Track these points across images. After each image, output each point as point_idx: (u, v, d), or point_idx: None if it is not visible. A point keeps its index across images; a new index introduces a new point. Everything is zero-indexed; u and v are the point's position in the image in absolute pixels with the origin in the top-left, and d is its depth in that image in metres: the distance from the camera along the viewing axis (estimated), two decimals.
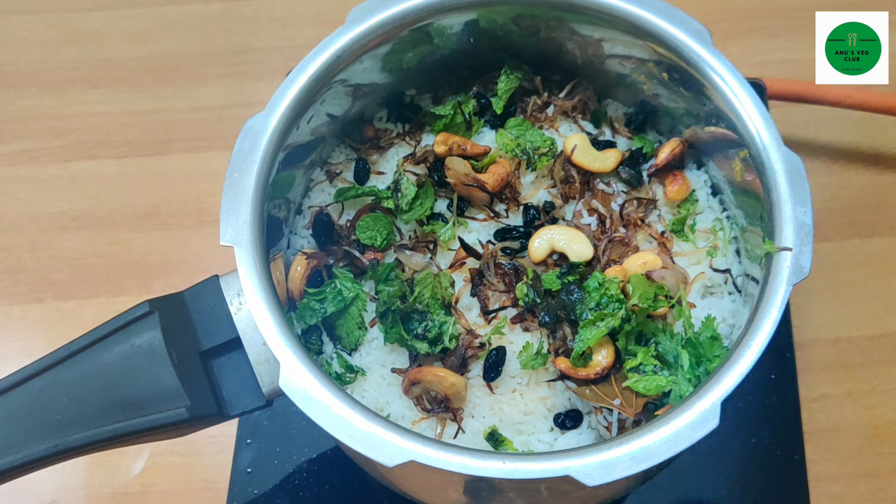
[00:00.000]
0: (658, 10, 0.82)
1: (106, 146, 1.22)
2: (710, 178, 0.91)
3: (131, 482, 1.00)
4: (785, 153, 0.76)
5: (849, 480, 0.98)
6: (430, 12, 0.84)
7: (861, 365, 1.03)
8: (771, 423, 0.97)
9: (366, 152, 0.94)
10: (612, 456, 0.65)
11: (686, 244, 0.87)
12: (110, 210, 1.18)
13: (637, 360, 0.78)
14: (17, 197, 1.19)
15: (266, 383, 0.76)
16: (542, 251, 0.83)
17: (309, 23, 1.32)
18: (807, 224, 0.74)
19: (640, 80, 0.90)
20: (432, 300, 0.81)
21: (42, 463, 0.72)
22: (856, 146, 1.18)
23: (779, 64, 1.24)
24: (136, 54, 1.30)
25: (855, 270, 1.09)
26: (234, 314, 0.75)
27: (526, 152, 0.88)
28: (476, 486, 0.71)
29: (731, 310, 0.84)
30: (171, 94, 1.26)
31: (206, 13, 1.33)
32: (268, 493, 0.96)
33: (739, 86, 0.79)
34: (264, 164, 0.77)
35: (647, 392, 0.76)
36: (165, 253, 1.14)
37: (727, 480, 0.95)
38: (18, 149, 1.23)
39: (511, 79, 0.92)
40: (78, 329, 0.75)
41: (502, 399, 0.80)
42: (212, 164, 1.20)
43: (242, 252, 0.73)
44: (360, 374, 0.82)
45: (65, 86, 1.28)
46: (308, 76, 0.81)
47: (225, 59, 1.29)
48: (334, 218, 0.90)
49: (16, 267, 1.14)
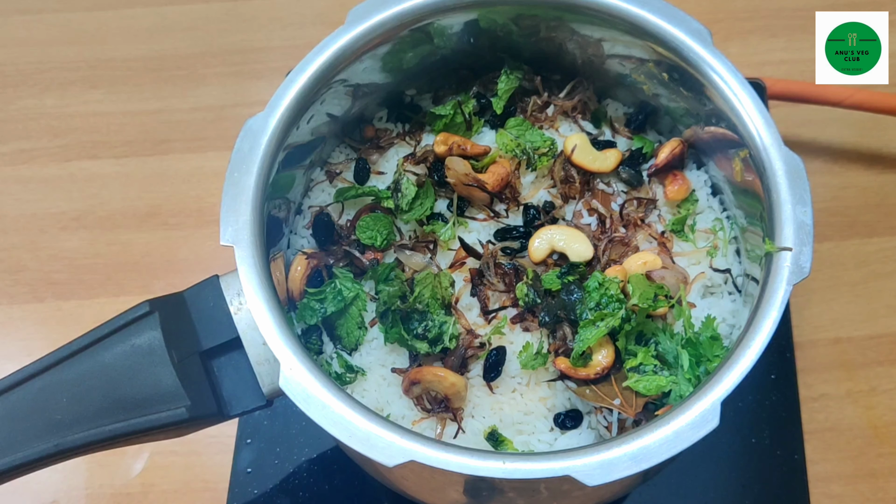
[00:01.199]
0: (658, 10, 0.82)
1: (106, 146, 1.23)
2: (710, 178, 0.91)
3: (131, 482, 1.00)
4: (785, 153, 0.76)
5: (849, 480, 0.98)
6: (430, 12, 0.84)
7: (861, 365, 1.03)
8: (771, 423, 0.97)
9: (366, 152, 0.94)
10: (612, 456, 0.65)
11: (686, 244, 0.87)
12: (110, 210, 1.18)
13: (637, 359, 0.78)
14: (17, 197, 1.19)
15: (266, 383, 0.76)
16: (542, 251, 0.83)
17: (309, 23, 1.32)
18: (807, 224, 0.73)
19: (640, 80, 0.90)
20: (432, 300, 0.81)
21: (42, 463, 0.72)
22: (856, 146, 1.18)
23: (779, 64, 1.24)
24: (136, 54, 1.30)
25: (855, 270, 1.09)
26: (234, 314, 0.75)
27: (526, 152, 0.88)
28: (476, 486, 0.71)
29: (731, 310, 0.84)
30: (171, 93, 1.26)
31: (206, 13, 1.33)
32: (268, 493, 0.96)
33: (739, 86, 0.79)
34: (264, 164, 0.77)
35: (647, 392, 0.76)
36: (166, 253, 1.14)
37: (727, 480, 0.95)
38: (18, 149, 1.23)
39: (511, 79, 0.92)
40: (78, 329, 0.75)
41: (502, 399, 0.80)
42: (212, 164, 1.20)
43: (242, 252, 0.73)
44: (360, 374, 0.82)
45: (65, 86, 1.28)
46: (308, 76, 0.81)
47: (225, 59, 1.29)
48: (334, 218, 0.90)
49: (16, 267, 1.14)
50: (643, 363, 0.78)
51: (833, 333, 1.05)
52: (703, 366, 0.78)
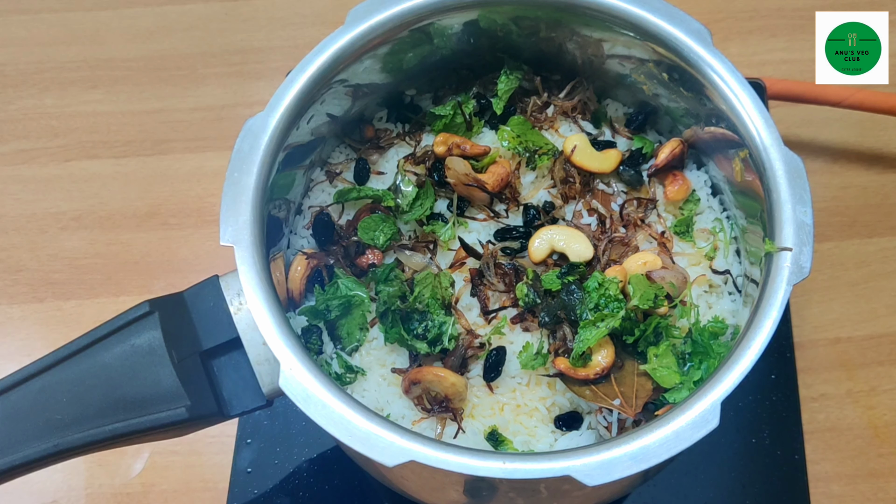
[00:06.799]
0: (658, 10, 0.82)
1: (106, 146, 1.23)
2: (710, 178, 0.91)
3: (131, 482, 1.00)
4: (785, 153, 0.76)
5: (849, 480, 0.98)
6: (430, 12, 0.84)
7: (861, 365, 1.04)
8: (771, 423, 0.97)
9: (366, 152, 0.94)
10: (612, 456, 0.65)
11: (686, 244, 0.87)
12: (110, 210, 1.18)
13: (659, 349, 0.78)
14: (17, 197, 1.19)
15: (266, 383, 0.76)
16: (542, 251, 0.83)
17: (309, 23, 1.32)
18: (807, 224, 0.73)
19: (640, 80, 0.90)
20: (432, 300, 0.81)
21: (42, 463, 0.72)
22: (856, 146, 1.18)
23: (779, 64, 1.24)
24: (136, 54, 1.30)
25: (855, 270, 1.09)
26: (234, 314, 0.75)
27: (528, 150, 0.88)
28: (476, 486, 0.71)
29: (731, 310, 0.84)
30: (171, 93, 1.26)
31: (206, 13, 1.33)
32: (268, 493, 0.96)
33: (739, 86, 0.79)
34: (264, 164, 0.77)
35: (662, 382, 0.76)
36: (165, 253, 1.14)
37: (727, 480, 0.95)
38: (18, 149, 1.23)
39: (511, 79, 0.92)
40: (78, 329, 0.75)
41: (502, 399, 0.80)
42: (212, 164, 1.20)
43: (242, 252, 0.73)
44: (360, 374, 0.82)
45: (65, 86, 1.28)
46: (308, 76, 0.81)
47: (225, 59, 1.29)
48: (334, 218, 0.90)
49: (16, 267, 1.15)
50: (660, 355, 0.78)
51: (833, 333, 1.05)
52: (705, 364, 0.78)
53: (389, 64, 0.89)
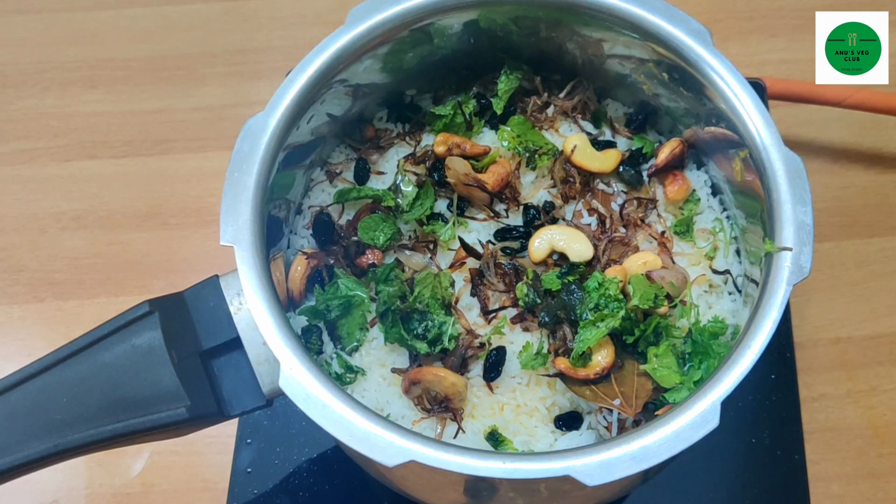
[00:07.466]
0: (658, 10, 0.82)
1: (106, 146, 1.22)
2: (710, 178, 0.91)
3: (131, 482, 1.00)
4: (785, 153, 0.76)
5: (849, 480, 0.98)
6: (430, 12, 0.84)
7: (861, 365, 1.03)
8: (771, 423, 0.97)
9: (366, 152, 0.94)
10: (612, 456, 0.65)
11: (686, 244, 0.87)
12: (110, 210, 1.18)
13: (659, 349, 0.78)
14: (17, 197, 1.19)
15: (266, 383, 0.76)
16: (542, 251, 0.83)
17: (309, 23, 1.32)
18: (807, 224, 0.73)
19: (640, 80, 0.90)
20: (432, 300, 0.81)
21: (42, 463, 0.72)
22: (856, 146, 1.18)
23: (779, 64, 1.24)
24: (136, 54, 1.30)
25: (855, 270, 1.09)
26: (234, 314, 0.75)
27: (528, 149, 0.88)
28: (476, 486, 0.71)
29: (731, 310, 0.84)
30: (171, 94, 1.26)
31: (207, 13, 1.33)
32: (268, 493, 0.96)
33: (739, 86, 0.79)
34: (264, 164, 0.77)
35: (662, 382, 0.76)
36: (166, 253, 1.14)
37: (727, 480, 0.95)
38: (18, 148, 1.23)
39: (511, 79, 0.92)
40: (78, 329, 0.75)
41: (502, 399, 0.80)
42: (212, 164, 1.20)
43: (242, 252, 0.73)
44: (359, 374, 0.82)
45: (65, 86, 1.28)
46: (308, 76, 0.81)
47: (225, 59, 1.29)
48: (334, 218, 0.90)
49: (16, 267, 1.14)
50: (660, 355, 0.78)
51: (833, 333, 1.05)
52: (705, 363, 0.78)
53: (389, 64, 0.89)
